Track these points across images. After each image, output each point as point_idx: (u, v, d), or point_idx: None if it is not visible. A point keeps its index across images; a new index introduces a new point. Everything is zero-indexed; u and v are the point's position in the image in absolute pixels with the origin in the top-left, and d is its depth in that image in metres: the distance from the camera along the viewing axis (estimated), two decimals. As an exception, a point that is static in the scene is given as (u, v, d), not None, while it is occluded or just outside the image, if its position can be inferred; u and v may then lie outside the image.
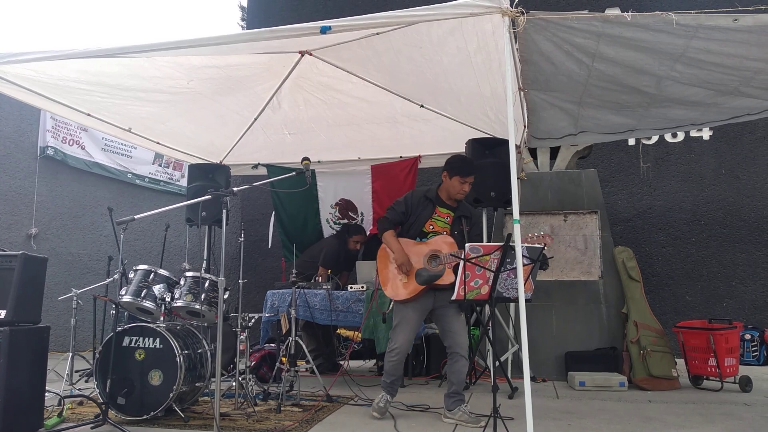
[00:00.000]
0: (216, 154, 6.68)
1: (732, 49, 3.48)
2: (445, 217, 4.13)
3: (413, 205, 4.13)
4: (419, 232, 4.09)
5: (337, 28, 3.37)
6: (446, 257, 3.93)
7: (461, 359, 4.00)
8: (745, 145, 7.92)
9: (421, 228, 4.09)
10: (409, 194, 4.22)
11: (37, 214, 8.32)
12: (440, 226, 4.11)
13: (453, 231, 4.09)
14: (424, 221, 4.09)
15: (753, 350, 7.06)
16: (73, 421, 3.91)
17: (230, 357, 5.33)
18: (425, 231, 4.09)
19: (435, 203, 4.14)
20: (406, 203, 4.15)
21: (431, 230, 4.09)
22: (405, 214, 4.13)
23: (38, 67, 4.09)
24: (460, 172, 4.06)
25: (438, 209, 4.13)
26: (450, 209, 4.15)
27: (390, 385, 4.12)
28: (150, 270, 4.54)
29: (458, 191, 4.08)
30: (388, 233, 4.08)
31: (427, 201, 4.14)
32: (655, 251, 7.95)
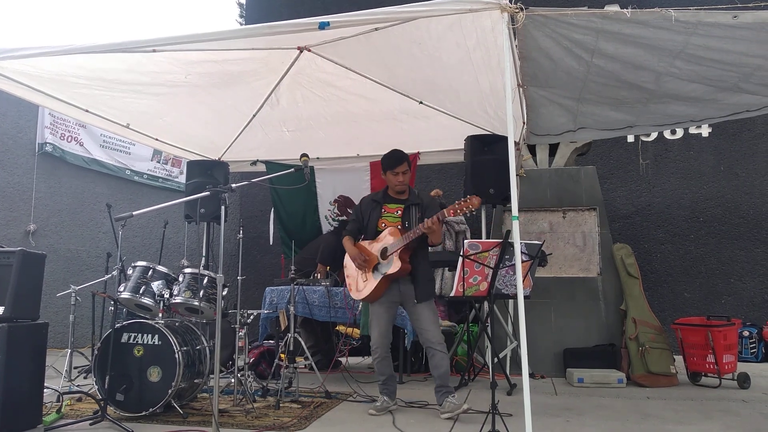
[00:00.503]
0: (214, 150, 6.67)
1: (731, 45, 3.48)
2: (395, 211, 4.24)
3: (363, 211, 4.32)
4: (374, 232, 4.21)
5: (336, 24, 3.36)
6: (391, 246, 4.02)
7: (437, 353, 4.05)
8: (744, 142, 7.92)
9: (375, 228, 4.21)
10: (360, 202, 4.47)
11: (35, 211, 8.31)
12: (391, 221, 4.20)
13: (404, 222, 4.17)
14: (375, 221, 4.23)
15: (751, 347, 7.07)
16: (71, 417, 3.91)
17: (229, 353, 5.33)
18: (379, 230, 4.20)
19: (382, 202, 4.29)
20: (356, 211, 4.40)
21: (383, 227, 4.19)
22: (358, 221, 4.33)
23: (36, 62, 4.08)
24: (389, 166, 4.24)
25: (386, 206, 4.27)
26: (399, 202, 4.26)
27: (385, 385, 4.19)
28: (149, 266, 4.54)
29: (395, 183, 4.22)
30: (345, 239, 4.31)
31: (374, 203, 4.31)
32: (653, 248, 7.96)
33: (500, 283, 3.90)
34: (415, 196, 4.30)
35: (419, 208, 4.21)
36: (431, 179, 8.47)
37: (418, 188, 7.60)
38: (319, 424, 3.88)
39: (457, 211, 3.83)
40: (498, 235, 6.21)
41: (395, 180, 4.22)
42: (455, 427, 3.74)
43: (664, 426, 3.83)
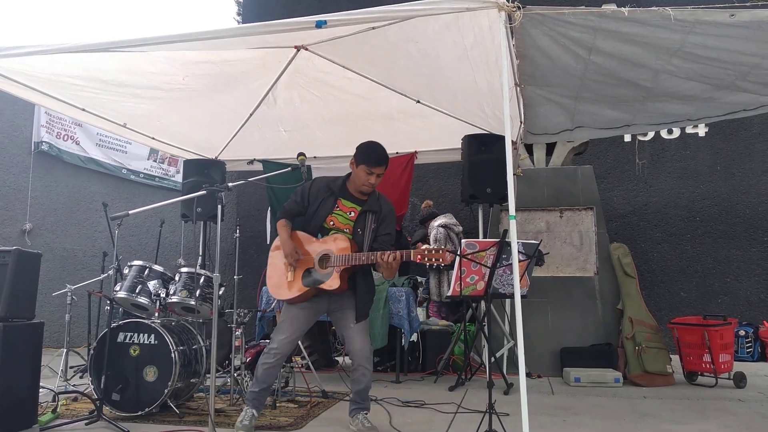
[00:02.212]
0: (211, 149, 6.66)
1: (728, 44, 3.49)
2: (349, 211, 3.62)
3: (312, 195, 3.64)
4: (320, 227, 3.61)
5: (333, 23, 3.35)
6: (336, 260, 3.47)
7: (360, 367, 3.58)
8: (741, 142, 7.93)
9: (321, 223, 3.60)
10: (309, 183, 3.72)
11: (31, 210, 8.29)
12: (342, 223, 3.60)
13: (356, 229, 3.57)
14: (324, 215, 3.60)
15: (747, 346, 7.08)
16: (67, 417, 3.90)
17: (225, 353, 5.32)
18: (326, 227, 3.60)
19: (338, 195, 3.63)
20: (302, 193, 3.67)
21: (332, 226, 3.59)
22: (299, 204, 3.66)
23: (31, 61, 4.06)
24: (367, 161, 3.55)
25: (341, 202, 3.62)
26: (357, 203, 3.63)
27: (257, 396, 3.59)
28: (145, 266, 4.53)
29: (363, 182, 3.56)
30: (279, 222, 3.66)
31: (329, 192, 3.64)
32: (650, 248, 7.96)
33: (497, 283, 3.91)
34: (375, 202, 3.66)
35: (376, 218, 3.61)
36: (428, 179, 8.47)
37: (415, 188, 7.63)
38: (315, 424, 3.87)
39: (424, 258, 3.26)
40: (495, 234, 6.21)
41: (366, 179, 3.55)
42: (452, 428, 3.74)
43: (661, 425, 3.83)
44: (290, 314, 3.62)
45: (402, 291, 5.54)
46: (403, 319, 5.45)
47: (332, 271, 3.47)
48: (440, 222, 6.47)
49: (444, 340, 6.01)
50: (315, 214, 3.62)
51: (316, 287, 3.51)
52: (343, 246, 3.49)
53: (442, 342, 6.00)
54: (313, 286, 3.51)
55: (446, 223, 6.46)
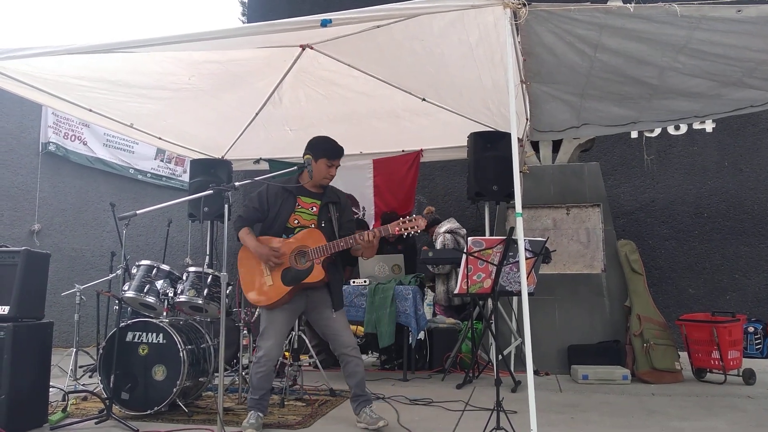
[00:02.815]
0: (218, 149, 6.68)
1: (735, 40, 3.47)
2: (310, 207, 3.68)
3: (270, 200, 3.68)
4: (284, 228, 3.63)
5: (338, 21, 3.35)
6: (314, 252, 3.53)
7: (352, 359, 3.64)
8: (748, 138, 7.88)
9: (285, 224, 3.63)
10: (264, 188, 3.75)
11: (39, 210, 8.34)
12: (306, 219, 3.65)
13: (320, 221, 3.65)
14: (287, 216, 3.63)
15: (756, 343, 7.05)
16: (77, 416, 3.92)
17: (233, 352, 5.34)
18: (290, 227, 3.63)
19: (296, 194, 3.69)
20: (260, 198, 3.70)
21: (297, 225, 3.63)
22: (258, 210, 3.69)
23: (39, 62, 4.09)
24: (328, 154, 3.65)
25: (300, 200, 3.68)
26: (315, 197, 3.71)
27: (259, 401, 3.61)
28: (152, 265, 4.55)
29: (324, 176, 3.67)
30: (242, 231, 3.65)
31: (287, 193, 3.68)
32: (658, 244, 7.93)
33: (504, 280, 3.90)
34: (332, 193, 3.77)
35: (337, 208, 3.72)
36: (434, 176, 8.46)
37: (421, 186, 7.62)
38: (323, 422, 3.88)
39: (402, 229, 3.44)
40: (501, 232, 6.20)
41: (327, 172, 3.65)
42: (460, 425, 3.74)
43: (669, 422, 3.82)
44: (272, 318, 3.63)
45: (409, 289, 5.54)
46: (410, 317, 5.45)
47: (312, 264, 3.53)
48: (446, 228, 6.46)
49: (451, 338, 6.00)
50: (277, 215, 3.65)
51: (298, 284, 3.54)
52: (317, 238, 3.56)
53: (450, 340, 6.00)
54: (296, 283, 3.54)
55: (452, 228, 6.45)
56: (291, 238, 3.61)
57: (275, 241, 3.61)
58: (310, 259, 3.54)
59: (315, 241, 3.56)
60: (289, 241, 3.60)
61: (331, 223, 3.67)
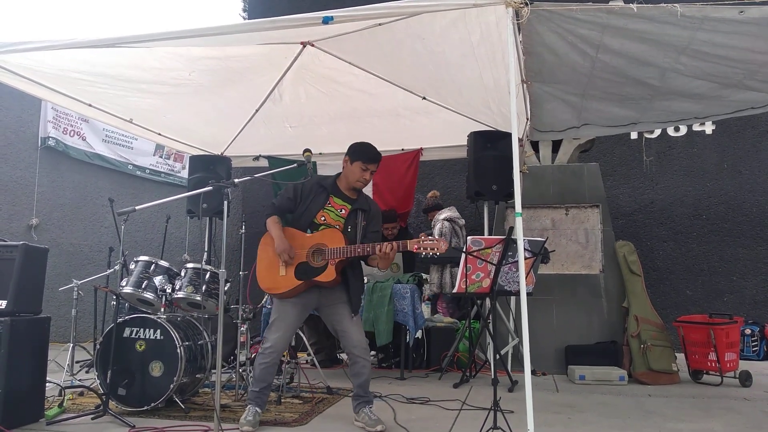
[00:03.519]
0: (217, 145, 6.67)
1: (737, 41, 3.47)
2: (340, 209, 3.71)
3: (304, 193, 3.72)
4: (310, 223, 3.66)
5: (340, 19, 3.35)
6: (330, 252, 3.54)
7: (359, 360, 3.65)
8: (748, 140, 7.89)
9: (312, 219, 3.66)
10: (301, 181, 3.80)
11: (38, 205, 8.32)
12: (333, 219, 3.68)
13: (347, 226, 3.67)
14: (315, 211, 3.67)
15: (753, 345, 7.06)
16: (73, 411, 3.91)
17: (231, 348, 5.33)
18: (316, 222, 3.66)
19: (330, 192, 3.73)
20: (295, 190, 3.74)
21: (323, 222, 3.66)
22: (292, 200, 3.72)
23: (39, 56, 4.07)
24: (363, 157, 3.69)
25: (332, 199, 3.71)
26: (347, 201, 3.73)
27: (259, 394, 3.63)
28: (151, 261, 4.54)
29: (358, 178, 3.69)
30: (270, 219, 3.68)
31: (321, 189, 3.73)
32: (656, 245, 7.94)
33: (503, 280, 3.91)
34: (365, 201, 3.80)
35: (365, 216, 3.73)
36: (434, 175, 8.46)
37: (421, 184, 7.62)
38: (320, 420, 3.88)
39: (420, 249, 3.40)
40: (501, 231, 6.20)
41: (362, 176, 3.69)
42: (457, 424, 3.74)
43: (666, 423, 3.82)
44: (282, 310, 3.66)
45: (407, 288, 5.53)
46: (408, 315, 5.45)
47: (326, 264, 3.55)
48: (446, 215, 6.47)
49: (449, 337, 6.00)
50: (307, 209, 3.69)
51: (310, 281, 3.56)
52: (337, 239, 3.57)
53: (447, 339, 6.00)
54: (307, 279, 3.57)
55: (451, 216, 6.46)
56: (314, 234, 3.64)
57: (296, 235, 3.65)
58: (325, 259, 3.56)
59: (335, 242, 3.57)
60: (310, 237, 3.64)
61: (356, 229, 3.69)
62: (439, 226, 6.38)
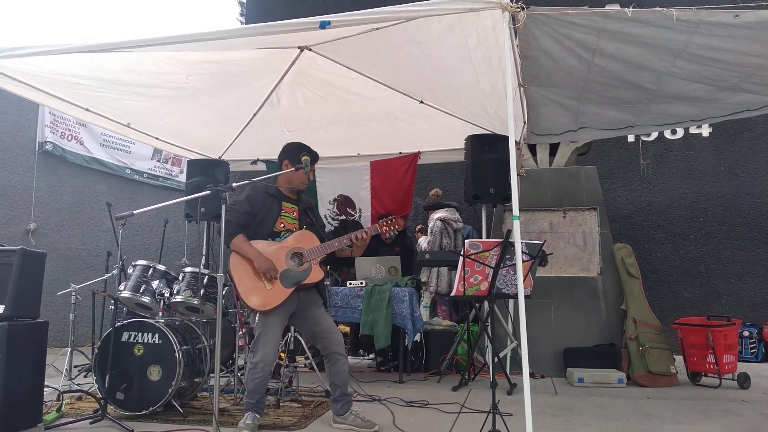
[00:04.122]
0: (215, 149, 6.67)
1: (733, 44, 3.48)
2: (291, 212, 3.78)
3: (257, 204, 3.71)
4: (270, 233, 3.67)
5: (337, 23, 3.36)
6: (310, 253, 3.63)
7: (340, 358, 3.69)
8: (745, 142, 7.91)
9: (271, 228, 3.68)
10: (249, 191, 3.76)
11: (35, 210, 8.32)
12: (290, 223, 3.74)
13: (302, 226, 3.76)
14: (274, 220, 3.70)
15: (751, 347, 7.07)
16: (72, 416, 3.91)
17: (229, 352, 5.33)
18: (276, 230, 3.69)
19: (280, 199, 3.78)
20: (249, 202, 3.69)
21: (282, 228, 3.71)
22: (249, 214, 3.68)
23: (36, 61, 4.08)
24: (311, 160, 3.78)
25: (284, 205, 3.77)
26: (293, 203, 3.82)
27: (256, 404, 3.62)
28: (149, 265, 4.54)
29: (303, 181, 3.78)
30: (237, 239, 3.58)
31: (272, 198, 3.75)
32: (654, 248, 7.95)
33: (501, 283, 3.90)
34: (305, 200, 3.93)
35: (312, 213, 3.88)
36: (432, 179, 8.47)
37: (418, 188, 7.63)
38: (319, 423, 3.88)
39: (388, 229, 3.69)
40: (498, 234, 6.21)
41: (305, 177, 3.76)
42: (455, 427, 3.74)
43: (664, 426, 3.82)
44: (269, 324, 3.61)
45: (405, 291, 5.54)
46: (407, 319, 5.45)
47: (310, 265, 3.64)
48: (440, 215, 6.49)
49: (447, 340, 6.01)
50: (265, 219, 3.70)
51: (300, 285, 3.60)
52: (309, 240, 3.69)
53: (446, 342, 6.00)
54: (297, 285, 3.60)
55: (445, 217, 6.47)
56: (285, 241, 3.67)
57: (270, 246, 3.62)
58: (306, 260, 3.63)
59: (309, 242, 3.67)
60: (284, 245, 3.65)
61: (314, 227, 3.81)
62: (431, 225, 6.42)
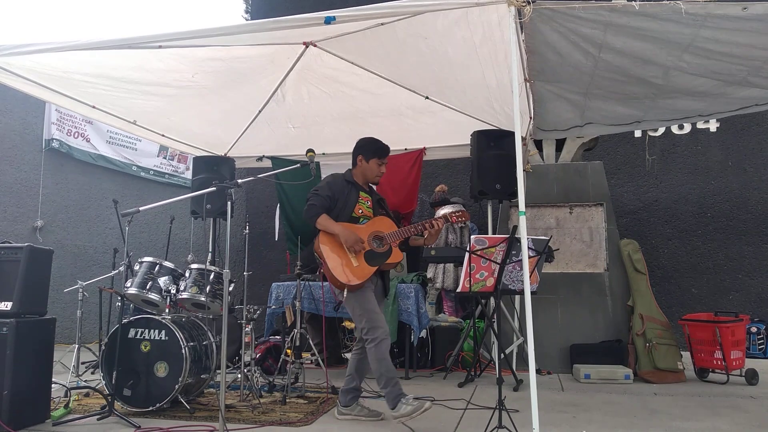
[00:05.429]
0: (220, 146, 6.67)
1: (741, 38, 3.45)
2: (366, 201, 3.94)
3: (337, 190, 3.85)
4: (349, 218, 3.82)
5: (342, 18, 3.35)
6: (390, 237, 3.80)
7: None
8: (752, 137, 7.86)
9: (350, 214, 3.84)
10: (330, 179, 3.94)
11: (42, 207, 8.35)
12: (367, 210, 3.92)
13: (375, 215, 3.93)
14: (352, 206, 3.85)
15: (759, 343, 7.03)
16: (79, 412, 3.93)
17: (235, 349, 5.34)
18: (355, 216, 3.85)
19: (357, 188, 3.93)
20: (330, 188, 3.84)
21: (360, 214, 3.87)
22: (331, 198, 3.81)
23: (42, 59, 4.08)
24: (378, 154, 3.93)
25: (360, 194, 3.92)
26: (368, 194, 3.98)
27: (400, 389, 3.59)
28: (155, 262, 4.55)
29: (376, 174, 3.95)
30: (322, 218, 3.73)
31: (350, 185, 3.91)
32: (661, 244, 7.91)
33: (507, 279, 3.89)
34: (375, 192, 4.10)
35: (384, 204, 4.06)
36: (437, 174, 8.45)
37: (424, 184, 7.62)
38: (325, 420, 3.88)
39: (457, 219, 4.01)
40: (504, 230, 6.20)
41: (378, 170, 3.94)
42: (461, 424, 3.73)
43: (672, 422, 3.81)
44: (367, 297, 3.72)
45: (411, 287, 5.53)
46: (412, 315, 5.45)
47: (390, 247, 3.81)
48: (445, 211, 6.45)
49: (453, 337, 6.01)
50: (345, 205, 3.85)
51: (383, 264, 3.80)
52: (388, 225, 3.89)
53: (452, 338, 6.00)
54: (380, 264, 3.77)
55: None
56: (366, 225, 3.85)
57: (352, 227, 3.78)
58: (387, 243, 3.81)
59: (387, 227, 3.86)
60: (364, 227, 3.83)
61: (389, 215, 4.00)
62: None
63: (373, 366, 3.63)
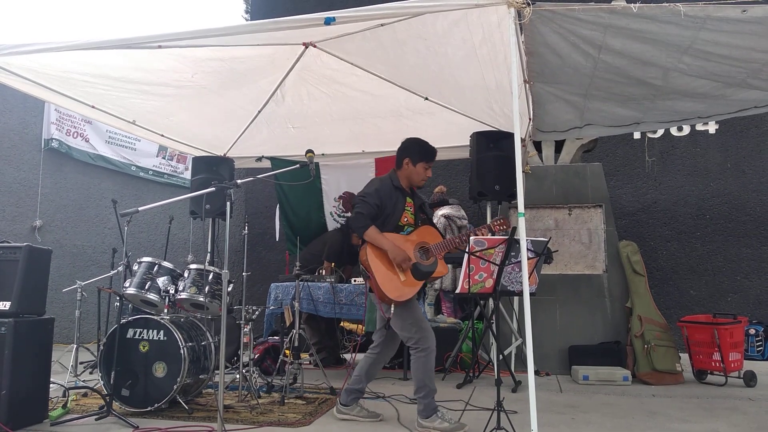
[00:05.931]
0: (220, 146, 6.67)
1: (740, 40, 3.46)
2: (411, 207, 3.83)
3: (385, 197, 3.71)
4: (396, 226, 3.72)
5: (342, 19, 3.35)
6: (435, 248, 3.71)
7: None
8: (752, 139, 7.87)
9: (397, 222, 3.73)
10: (378, 185, 3.78)
11: (41, 206, 8.35)
12: (412, 218, 3.81)
13: (417, 221, 3.83)
14: (399, 215, 3.73)
15: (757, 345, 7.04)
16: (77, 412, 3.93)
17: (234, 349, 5.34)
18: (401, 224, 3.75)
19: (404, 194, 3.81)
20: (378, 195, 3.69)
21: (406, 222, 3.77)
22: (379, 207, 3.68)
23: (42, 58, 4.08)
24: (426, 158, 3.79)
25: (407, 200, 3.82)
26: (412, 198, 3.87)
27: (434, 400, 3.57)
28: (154, 262, 4.55)
29: (423, 178, 3.81)
30: (371, 230, 3.60)
31: (398, 191, 3.78)
32: (659, 245, 7.92)
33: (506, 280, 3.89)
34: (419, 195, 3.96)
35: (426, 208, 3.93)
36: (436, 175, 8.41)
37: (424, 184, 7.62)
38: (323, 421, 3.88)
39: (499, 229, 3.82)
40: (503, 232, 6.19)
41: (425, 174, 3.79)
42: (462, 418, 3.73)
43: (670, 424, 3.81)
44: (413, 308, 3.68)
45: (410, 288, 5.52)
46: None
47: (435, 259, 3.72)
48: (444, 212, 6.48)
49: (452, 338, 6.00)
50: (393, 213, 3.73)
51: (428, 278, 3.73)
52: (434, 235, 3.78)
53: (450, 340, 5.99)
54: (425, 278, 3.71)
55: (449, 213, 6.47)
56: (411, 235, 3.74)
57: (399, 239, 3.67)
58: (432, 255, 3.72)
59: (433, 237, 3.76)
60: (411, 238, 3.72)
61: (430, 222, 3.89)
62: (435, 222, 6.39)
63: (418, 374, 3.57)
